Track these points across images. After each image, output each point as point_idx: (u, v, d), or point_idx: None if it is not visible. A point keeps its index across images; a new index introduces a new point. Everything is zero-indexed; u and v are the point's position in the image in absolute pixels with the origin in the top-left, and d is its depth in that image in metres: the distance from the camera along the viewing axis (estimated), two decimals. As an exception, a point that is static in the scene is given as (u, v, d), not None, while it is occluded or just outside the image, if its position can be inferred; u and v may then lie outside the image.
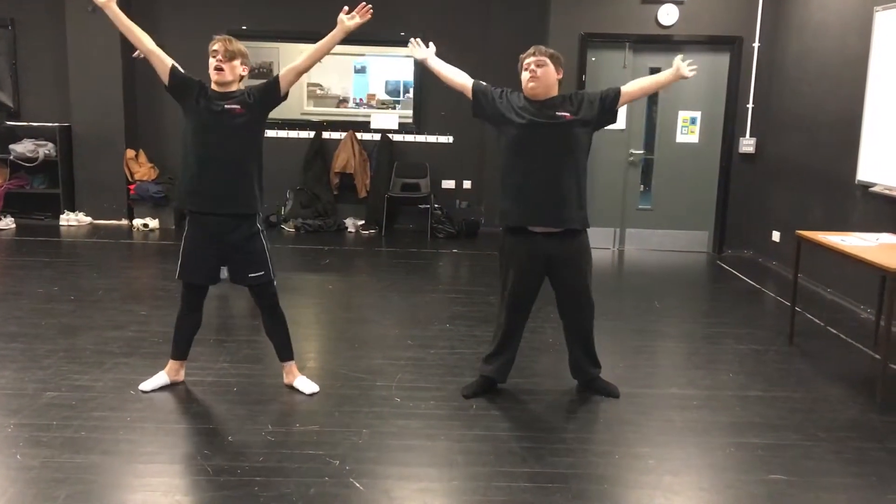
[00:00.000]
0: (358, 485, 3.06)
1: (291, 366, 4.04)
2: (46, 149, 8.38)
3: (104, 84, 8.31)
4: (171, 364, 4.01)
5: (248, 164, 3.76)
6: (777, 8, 7.52)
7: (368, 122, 8.87)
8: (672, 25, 7.65)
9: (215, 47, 3.71)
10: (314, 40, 3.93)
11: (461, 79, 4.15)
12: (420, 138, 8.86)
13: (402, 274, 6.95)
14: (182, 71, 3.84)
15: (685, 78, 3.89)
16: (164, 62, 3.83)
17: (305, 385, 3.98)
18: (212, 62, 3.72)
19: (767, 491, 3.12)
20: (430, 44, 4.24)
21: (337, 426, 3.59)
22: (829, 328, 5.41)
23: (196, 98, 3.73)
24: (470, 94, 4.03)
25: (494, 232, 8.69)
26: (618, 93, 3.86)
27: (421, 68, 8.65)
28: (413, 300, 5.96)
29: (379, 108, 9.12)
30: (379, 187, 8.65)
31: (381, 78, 9.15)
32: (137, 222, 8.38)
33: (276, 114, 3.83)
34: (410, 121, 8.87)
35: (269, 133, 8.65)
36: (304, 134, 8.78)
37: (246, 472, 3.13)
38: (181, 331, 3.96)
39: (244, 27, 8.54)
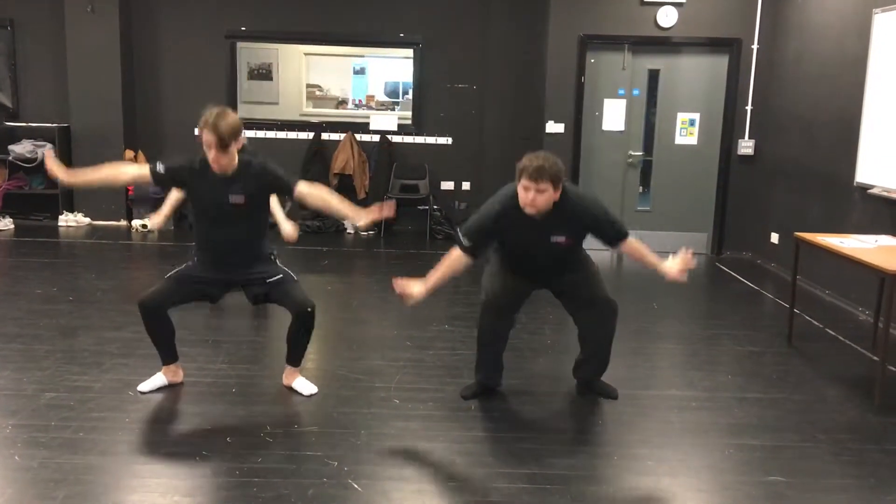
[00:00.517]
0: (356, 486, 3.06)
1: (294, 369, 4.03)
2: (45, 149, 8.37)
3: (103, 85, 8.31)
4: (166, 367, 4.00)
5: (257, 237, 3.82)
6: (776, 10, 7.52)
7: (367, 124, 8.87)
8: (671, 27, 7.65)
9: (207, 139, 3.51)
10: (313, 41, 3.94)
11: (454, 262, 3.90)
12: (419, 139, 8.86)
13: (401, 275, 6.90)
14: (162, 172, 3.71)
15: (672, 277, 3.82)
16: (143, 176, 3.74)
17: (304, 386, 3.98)
18: (207, 152, 3.56)
19: (766, 492, 3.12)
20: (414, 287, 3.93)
21: (335, 427, 3.59)
22: (827, 330, 5.42)
23: (195, 185, 3.70)
24: (466, 256, 3.82)
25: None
26: (622, 238, 3.76)
27: (420, 70, 8.70)
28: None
29: (378, 110, 9.14)
30: (378, 188, 8.65)
31: (381, 79, 9.17)
32: (136, 223, 8.38)
33: (274, 115, 3.82)
34: (409, 122, 8.87)
35: (268, 134, 8.67)
36: (303, 135, 8.78)
37: (244, 472, 3.13)
38: (154, 338, 3.88)
39: (243, 28, 8.55)
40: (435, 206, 8.65)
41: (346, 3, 8.51)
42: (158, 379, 3.97)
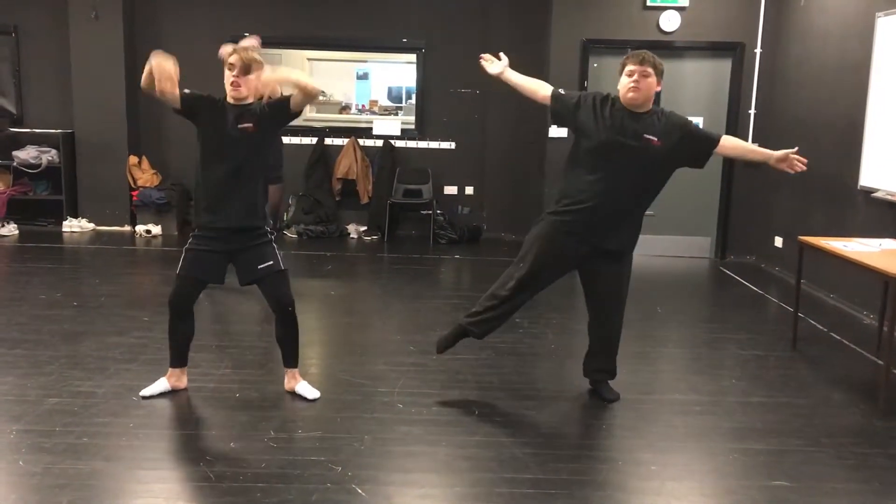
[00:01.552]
0: (360, 491, 3.06)
1: (294, 372, 4.03)
2: (49, 155, 8.40)
3: (107, 90, 8.33)
4: (171, 371, 4.00)
5: (257, 175, 3.82)
6: (779, 14, 7.53)
7: (371, 129, 8.89)
8: (674, 31, 7.66)
9: (231, 60, 3.69)
10: (316, 47, 3.95)
11: (541, 89, 3.99)
12: (422, 144, 8.87)
13: (404, 280, 6.95)
14: (187, 92, 3.77)
15: (778, 165, 3.79)
16: (176, 97, 3.74)
17: (307, 391, 3.98)
18: (227, 76, 3.71)
19: (770, 497, 3.11)
20: (503, 56, 4.05)
21: (339, 432, 3.59)
22: (831, 334, 5.41)
23: (210, 116, 3.74)
24: (549, 102, 3.93)
25: (496, 238, 8.72)
26: (715, 142, 3.76)
27: (423, 74, 8.71)
28: (415, 306, 5.96)
29: (381, 115, 9.15)
30: (381, 193, 8.66)
31: (384, 84, 9.18)
32: (140, 228, 8.39)
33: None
34: (413, 127, 8.88)
35: (272, 139, 8.67)
36: (306, 140, 8.79)
37: (248, 478, 3.13)
38: (173, 337, 3.93)
39: (247, 34, 8.53)
40: (438, 211, 8.65)
41: (349, 8, 8.53)
42: (161, 384, 3.97)
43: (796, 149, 3.78)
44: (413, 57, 8.73)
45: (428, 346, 4.85)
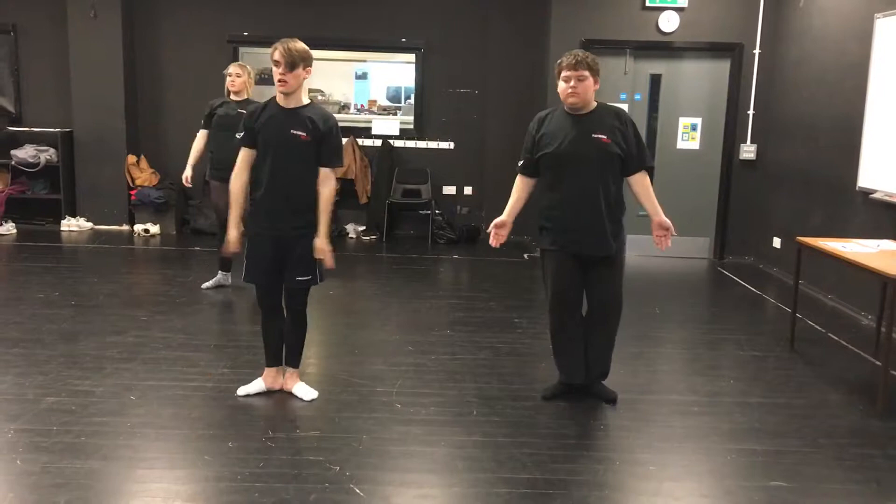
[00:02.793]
0: (358, 491, 3.06)
1: (294, 373, 4.03)
2: (48, 154, 8.39)
3: (106, 90, 8.32)
4: (267, 371, 4.01)
5: (313, 181, 3.76)
6: (778, 15, 7.53)
7: (369, 128, 8.89)
8: (673, 32, 7.66)
9: (276, 57, 3.63)
10: (315, 46, 3.94)
11: (520, 187, 4.07)
12: (421, 144, 8.87)
13: (403, 280, 6.95)
14: (247, 130, 3.77)
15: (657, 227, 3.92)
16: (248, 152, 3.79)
17: (304, 391, 3.98)
18: (275, 71, 3.66)
19: (768, 497, 3.12)
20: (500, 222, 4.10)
21: (337, 432, 3.59)
22: (829, 334, 5.41)
23: (263, 120, 3.72)
24: (525, 177, 4.02)
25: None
26: (643, 166, 3.87)
27: (422, 74, 8.71)
28: (414, 306, 5.96)
29: (380, 114, 9.14)
30: (380, 193, 8.65)
31: (383, 84, 9.18)
32: (138, 228, 8.38)
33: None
34: (411, 127, 8.88)
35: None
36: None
37: (246, 477, 3.13)
38: (266, 337, 3.96)
39: (245, 33, 8.57)
40: (437, 211, 8.65)
41: (348, 8, 8.53)
42: (257, 384, 3.99)
43: (670, 230, 3.89)
44: (412, 57, 8.73)
45: (426, 346, 4.86)
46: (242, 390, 3.96)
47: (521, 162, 3.99)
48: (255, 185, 3.80)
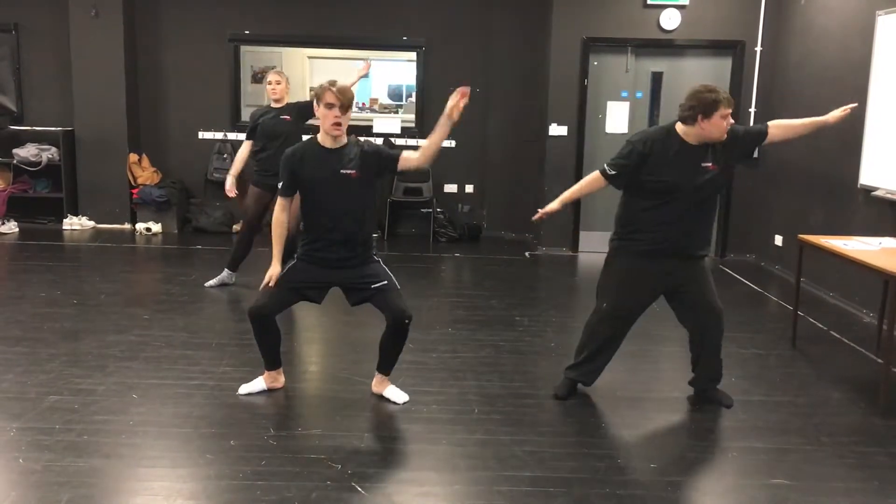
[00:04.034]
0: (360, 489, 3.06)
1: (383, 377, 3.99)
2: (49, 153, 8.40)
3: (107, 88, 8.32)
4: (267, 374, 4.01)
5: (365, 215, 3.79)
6: (779, 12, 7.52)
7: (371, 127, 8.88)
8: (674, 30, 7.65)
9: (329, 100, 3.59)
10: (316, 45, 3.94)
11: (595, 185, 3.93)
12: (422, 142, 8.82)
13: (404, 278, 6.90)
14: (286, 181, 3.77)
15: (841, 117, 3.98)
16: (294, 206, 3.88)
17: (396, 395, 3.94)
18: (327, 114, 3.62)
19: (770, 495, 3.12)
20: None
21: (339, 430, 3.60)
22: (831, 332, 5.40)
23: (305, 165, 3.72)
24: (604, 180, 3.86)
25: (496, 236, 8.71)
26: (764, 136, 3.84)
27: (423, 73, 8.70)
28: (415, 304, 5.92)
29: (381, 113, 9.14)
30: (381, 191, 8.65)
31: (384, 82, 9.18)
32: (140, 226, 8.39)
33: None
34: (413, 125, 8.88)
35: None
36: (305, 138, 8.76)
37: (248, 476, 3.14)
38: (261, 346, 3.92)
39: (247, 31, 8.57)
40: (438, 209, 8.64)
41: (350, 6, 8.52)
42: (258, 383, 3.99)
43: (851, 107, 3.94)
44: (413, 55, 8.73)
45: (428, 344, 4.86)
46: (244, 389, 3.96)
47: (612, 171, 3.83)
48: (307, 228, 3.83)
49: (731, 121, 3.68)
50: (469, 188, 8.92)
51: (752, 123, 7.71)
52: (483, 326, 5.29)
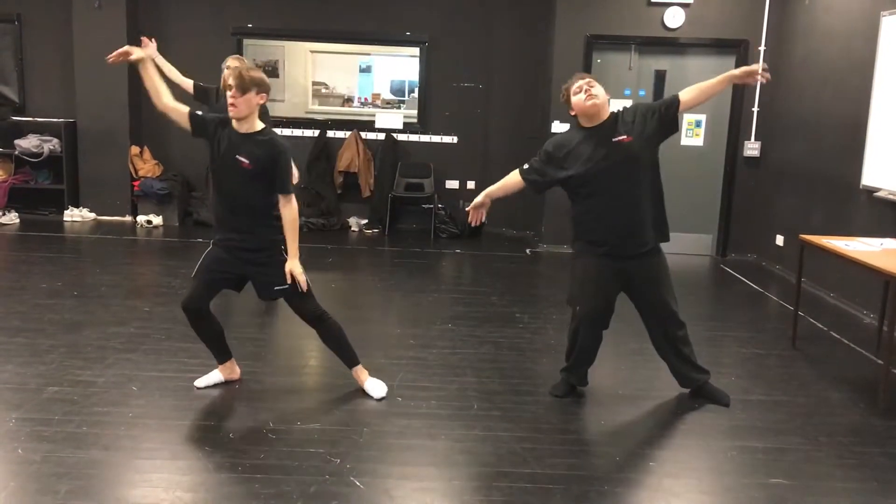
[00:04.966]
0: (358, 483, 3.07)
1: (358, 370, 4.00)
2: (51, 144, 8.40)
3: (109, 80, 8.30)
4: (221, 366, 4.01)
5: (262, 205, 3.70)
6: (783, 12, 7.51)
7: (373, 122, 8.87)
8: (678, 28, 7.64)
9: (229, 81, 3.60)
10: (319, 39, 3.94)
11: (513, 182, 3.98)
12: (424, 138, 8.85)
13: (405, 273, 6.95)
14: (199, 115, 3.75)
15: (742, 81, 3.83)
16: (181, 112, 3.72)
17: (374, 388, 3.94)
18: (228, 95, 3.63)
19: (768, 495, 3.12)
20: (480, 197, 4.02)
21: (338, 424, 3.60)
22: (831, 332, 5.40)
23: (217, 136, 3.69)
24: (521, 180, 3.94)
25: (498, 233, 8.71)
26: (677, 104, 3.79)
27: (426, 68, 8.70)
28: (415, 300, 5.96)
29: (384, 108, 9.13)
30: (383, 187, 8.65)
31: (386, 77, 9.15)
32: (141, 219, 8.39)
33: (280, 112, 3.80)
34: (415, 120, 8.87)
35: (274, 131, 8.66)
36: (308, 132, 8.78)
37: (247, 469, 3.14)
38: (202, 339, 3.91)
39: (249, 25, 8.56)
40: (439, 205, 8.64)
41: (353, 1, 8.51)
42: (214, 376, 3.99)
43: (761, 65, 3.78)
44: (416, 51, 8.72)
45: (428, 340, 4.86)
46: (201, 382, 3.95)
47: (527, 167, 3.93)
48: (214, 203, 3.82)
49: (592, 88, 3.72)
50: (471, 184, 8.90)
51: (754, 123, 7.73)
52: (483, 323, 5.29)
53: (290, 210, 3.67)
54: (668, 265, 3.95)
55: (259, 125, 3.69)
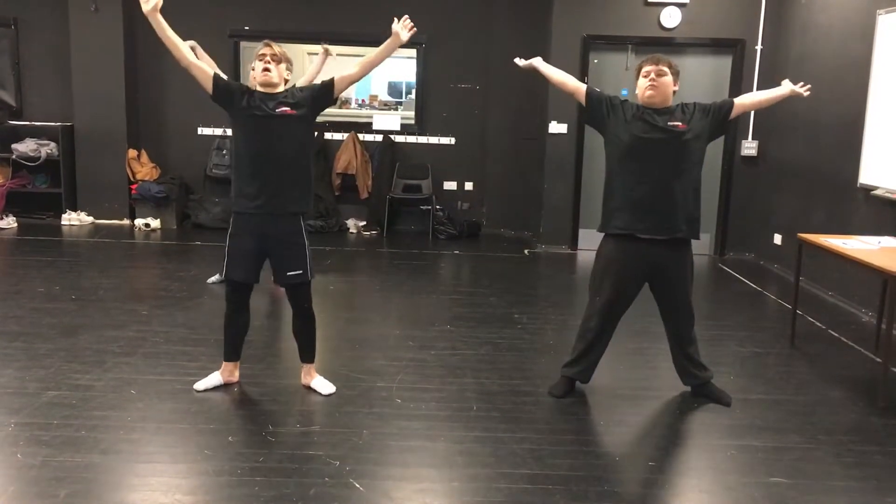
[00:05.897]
0: (358, 485, 3.06)
1: (310, 367, 4.05)
2: (48, 148, 8.38)
3: (107, 83, 8.31)
4: (225, 366, 4.01)
5: (300, 163, 3.77)
6: (780, 11, 7.51)
7: (370, 123, 8.87)
8: (674, 28, 7.65)
9: (263, 51, 3.74)
10: (317, 41, 3.96)
11: (573, 83, 4.12)
12: (422, 139, 8.85)
13: (404, 275, 6.95)
14: (224, 77, 3.86)
15: (797, 94, 4.04)
16: (206, 72, 3.75)
17: (322, 386, 3.99)
18: (258, 65, 3.74)
19: (768, 494, 3.12)
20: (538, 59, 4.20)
21: (337, 427, 3.60)
22: (830, 331, 5.41)
23: (244, 102, 3.71)
24: (583, 100, 4.03)
25: (496, 233, 8.71)
26: (731, 105, 3.94)
27: (423, 69, 8.70)
28: (414, 301, 5.96)
29: (381, 109, 9.13)
30: (381, 188, 8.65)
31: (384, 79, 9.17)
32: (139, 222, 8.39)
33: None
34: (412, 122, 8.87)
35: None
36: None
37: (246, 472, 3.14)
38: (229, 332, 3.95)
39: (246, 27, 8.56)
40: (437, 207, 8.64)
41: (350, 3, 8.51)
42: (214, 379, 3.99)
43: (804, 85, 4.04)
44: (413, 52, 8.72)
45: (427, 342, 4.86)
46: (200, 385, 3.95)
47: (594, 91, 4.07)
48: (237, 173, 3.79)
49: (659, 77, 3.81)
50: (468, 185, 8.91)
51: (751, 123, 7.73)
52: (482, 324, 5.29)
53: (346, 74, 3.90)
54: (693, 264, 4.05)
55: (282, 86, 3.81)
